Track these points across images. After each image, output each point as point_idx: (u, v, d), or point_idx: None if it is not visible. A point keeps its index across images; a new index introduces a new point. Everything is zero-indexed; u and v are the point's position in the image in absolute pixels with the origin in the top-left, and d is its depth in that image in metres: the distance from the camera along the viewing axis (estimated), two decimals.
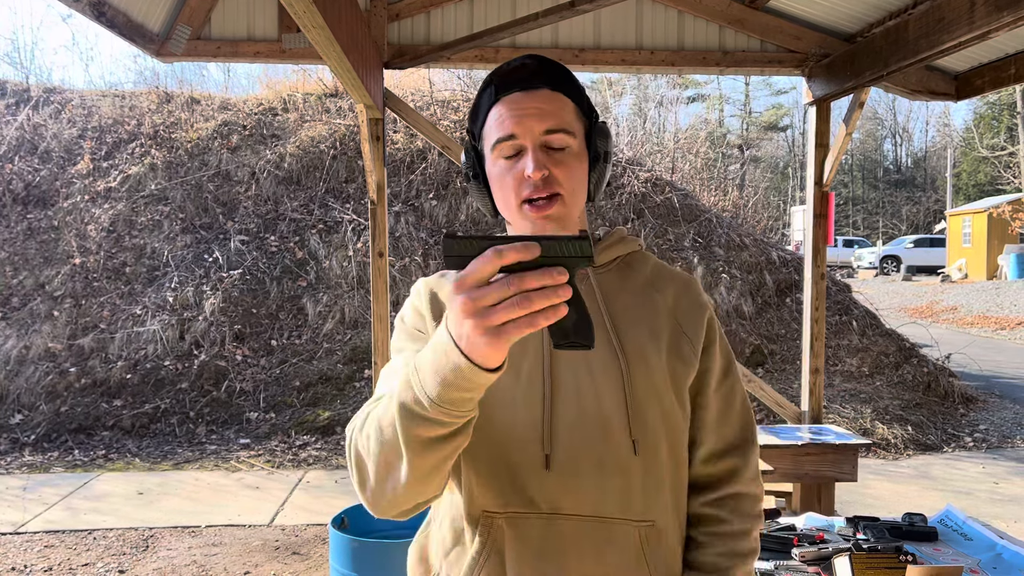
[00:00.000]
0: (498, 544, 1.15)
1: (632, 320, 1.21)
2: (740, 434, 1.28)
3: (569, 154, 1.18)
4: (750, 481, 1.27)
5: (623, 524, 1.15)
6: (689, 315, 1.25)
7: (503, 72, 1.22)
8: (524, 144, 1.16)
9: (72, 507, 5.25)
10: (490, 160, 1.22)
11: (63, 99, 10.33)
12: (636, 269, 1.29)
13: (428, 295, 1.24)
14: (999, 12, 2.96)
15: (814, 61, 4.64)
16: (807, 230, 4.82)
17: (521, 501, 1.13)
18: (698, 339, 1.24)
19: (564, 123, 1.18)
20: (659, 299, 1.25)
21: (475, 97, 1.26)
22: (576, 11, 3.89)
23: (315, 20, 2.49)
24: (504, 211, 1.23)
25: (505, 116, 1.18)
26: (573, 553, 1.13)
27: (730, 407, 1.28)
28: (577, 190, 1.20)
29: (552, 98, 1.19)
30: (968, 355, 10.63)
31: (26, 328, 7.71)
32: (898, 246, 30.58)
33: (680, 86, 28.94)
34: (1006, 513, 5.21)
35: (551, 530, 1.13)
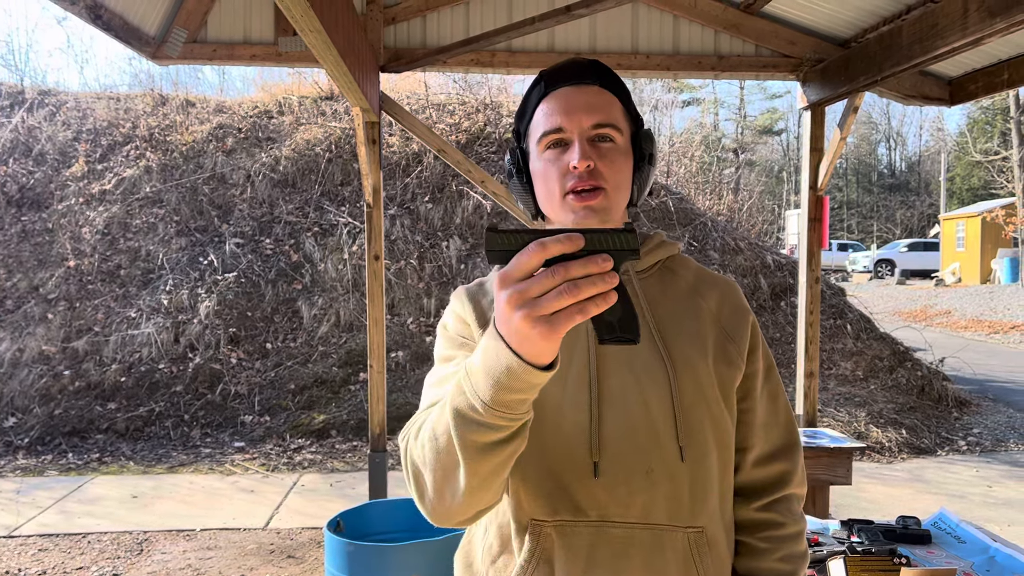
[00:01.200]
0: (547, 552, 1.14)
1: (677, 326, 1.20)
2: (787, 436, 1.29)
3: (615, 150, 1.18)
4: (800, 483, 1.28)
5: (672, 531, 1.14)
6: (733, 320, 1.25)
7: (554, 69, 1.22)
8: (571, 136, 1.17)
9: (66, 510, 5.24)
10: (535, 154, 1.22)
11: (58, 101, 10.31)
12: (678, 274, 1.28)
13: (471, 301, 1.23)
14: (992, 18, 2.97)
15: (809, 66, 4.66)
16: (802, 234, 4.83)
17: (569, 509, 1.13)
18: (743, 343, 1.24)
19: (612, 119, 1.18)
20: (703, 305, 1.24)
21: (523, 97, 1.27)
22: (572, 15, 3.90)
23: (311, 24, 2.50)
24: (546, 205, 1.22)
25: (554, 109, 1.18)
26: (623, 561, 1.12)
27: (775, 409, 1.29)
28: (621, 186, 1.19)
29: (601, 94, 1.20)
30: (962, 359, 10.66)
31: (20, 331, 7.69)
32: (892, 250, 30.68)
33: (675, 90, 29.00)
34: (999, 516, 5.22)
35: (600, 538, 1.12)
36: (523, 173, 1.24)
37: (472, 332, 1.20)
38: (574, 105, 1.17)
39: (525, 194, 1.25)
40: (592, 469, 1.12)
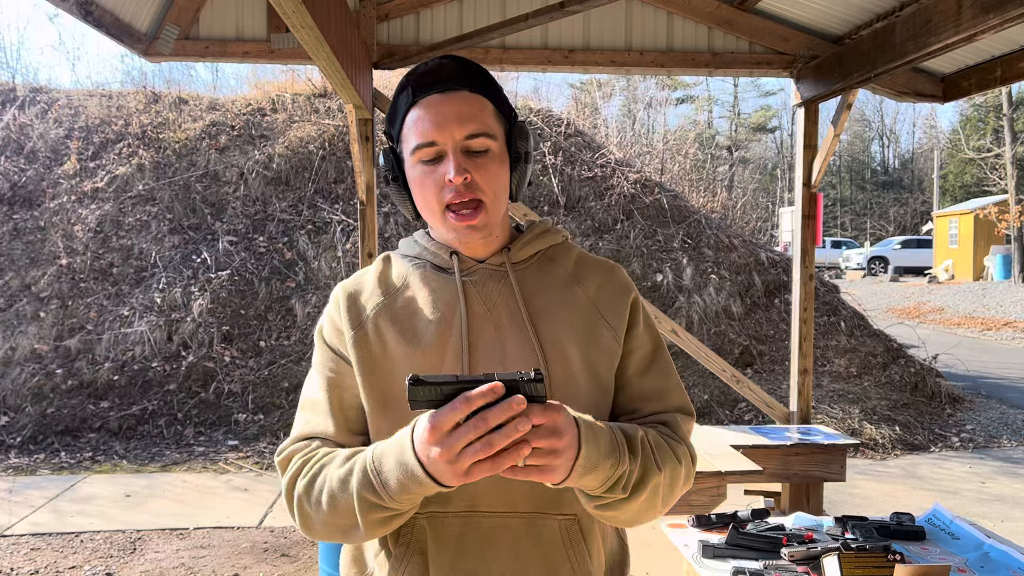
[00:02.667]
0: (420, 544, 1.17)
1: (551, 316, 1.21)
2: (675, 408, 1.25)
3: (490, 157, 1.17)
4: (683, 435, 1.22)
5: (543, 518, 1.16)
6: (611, 302, 1.25)
7: (420, 73, 1.19)
8: (444, 149, 1.15)
9: (59, 510, 5.22)
10: (409, 163, 1.20)
11: (49, 99, 10.26)
12: (558, 263, 1.28)
13: (347, 302, 1.25)
14: (985, 14, 2.98)
15: (802, 63, 4.66)
16: (795, 231, 4.83)
17: (438, 500, 1.14)
18: (620, 324, 1.23)
19: (485, 126, 1.17)
20: (579, 291, 1.25)
21: (392, 98, 1.24)
22: (566, 12, 3.89)
23: (304, 20, 2.48)
24: (426, 215, 1.22)
25: (424, 120, 1.16)
26: (491, 550, 1.15)
27: (667, 387, 1.25)
28: (499, 193, 1.19)
29: (471, 100, 1.18)
30: (955, 355, 10.69)
31: (12, 329, 7.66)
32: (885, 247, 30.78)
33: (669, 87, 29.04)
34: (992, 512, 5.24)
35: (469, 528, 1.15)
36: (400, 177, 1.24)
37: (345, 341, 1.22)
38: (445, 116, 1.15)
39: (404, 200, 1.25)
40: None
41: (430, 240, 1.28)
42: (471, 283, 1.22)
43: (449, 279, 1.23)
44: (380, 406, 1.18)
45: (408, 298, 1.24)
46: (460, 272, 1.23)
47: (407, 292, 1.24)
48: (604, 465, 1.02)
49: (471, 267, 1.24)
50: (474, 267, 1.24)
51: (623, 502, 1.08)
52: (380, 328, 1.21)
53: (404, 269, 1.28)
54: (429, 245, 1.27)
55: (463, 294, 1.21)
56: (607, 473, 1.03)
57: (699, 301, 8.68)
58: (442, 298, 1.22)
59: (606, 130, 13.42)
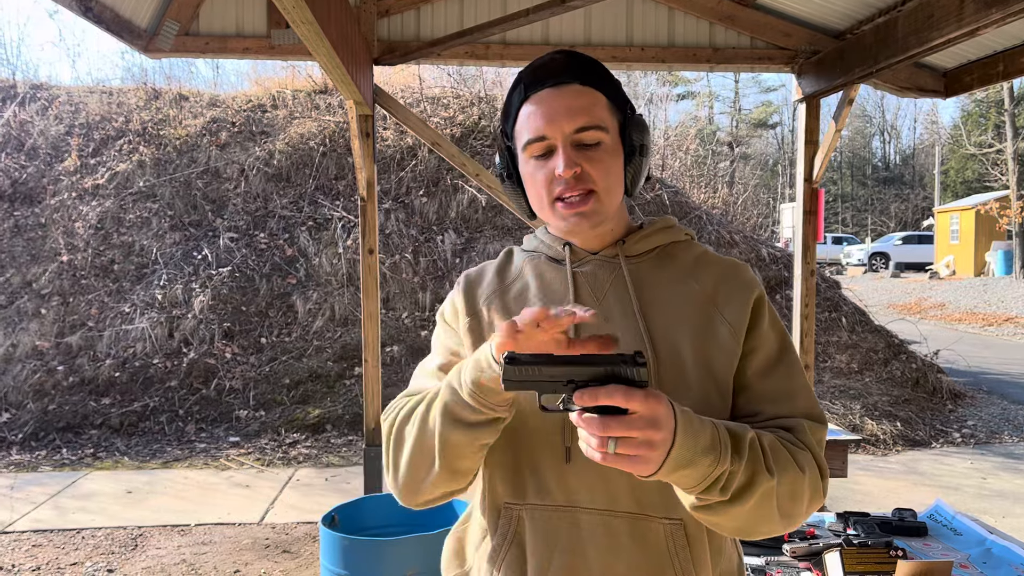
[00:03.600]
0: (519, 536, 1.16)
1: (663, 311, 1.18)
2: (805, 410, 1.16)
3: (602, 150, 1.16)
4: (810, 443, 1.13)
5: (646, 520, 1.12)
6: (730, 298, 1.19)
7: (532, 69, 1.20)
8: (555, 143, 1.15)
9: (60, 506, 5.22)
10: (522, 159, 1.20)
11: (50, 96, 10.25)
12: (677, 259, 1.25)
13: (466, 289, 1.28)
14: (988, 9, 2.96)
15: (804, 58, 4.64)
16: (797, 227, 4.82)
17: (539, 493, 1.14)
18: (741, 323, 1.17)
19: (596, 119, 1.16)
20: (696, 288, 1.21)
21: (506, 96, 1.25)
22: (567, 7, 3.87)
23: (304, 16, 2.48)
24: (538, 209, 1.22)
25: (535, 115, 1.16)
26: (591, 547, 1.12)
27: (791, 387, 1.16)
28: (612, 186, 1.18)
29: (582, 93, 1.17)
30: (956, 351, 10.69)
31: (13, 326, 7.66)
32: (887, 243, 30.74)
33: (670, 83, 29.00)
34: (994, 508, 5.24)
35: (569, 523, 1.13)
36: (514, 175, 1.24)
37: (458, 321, 1.25)
38: (555, 110, 1.15)
39: (518, 196, 1.25)
40: (565, 454, 1.12)
41: (547, 234, 1.29)
42: (582, 274, 1.22)
43: (561, 270, 1.24)
44: None
45: (521, 288, 1.25)
46: (572, 263, 1.23)
47: (520, 282, 1.26)
48: (701, 462, 0.95)
49: (583, 258, 1.24)
50: (586, 258, 1.24)
51: (725, 505, 1.00)
52: (492, 316, 1.22)
53: (521, 261, 1.29)
54: (545, 238, 1.28)
55: (572, 284, 1.20)
56: (703, 471, 0.96)
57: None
58: (553, 288, 1.22)
59: None
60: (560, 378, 0.90)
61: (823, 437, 1.15)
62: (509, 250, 1.35)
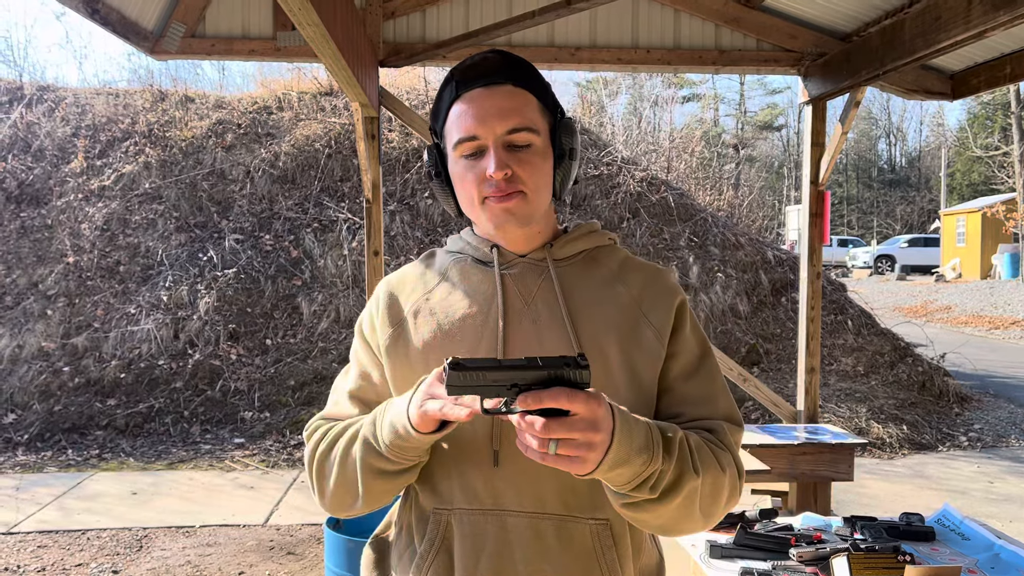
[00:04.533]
0: (447, 541, 1.16)
1: (590, 314, 1.18)
2: (725, 414, 1.20)
3: (533, 152, 1.16)
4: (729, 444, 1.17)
5: (574, 521, 1.13)
6: (655, 302, 1.21)
7: (464, 67, 1.19)
8: (486, 143, 1.14)
9: (65, 507, 5.23)
10: (452, 158, 1.20)
11: (57, 97, 10.28)
12: (602, 263, 1.26)
13: (387, 300, 1.27)
14: (995, 11, 2.95)
15: (810, 60, 4.63)
16: (803, 229, 4.81)
17: (468, 497, 1.14)
18: (665, 327, 1.20)
19: (527, 121, 1.15)
20: (622, 291, 1.22)
21: (436, 94, 1.23)
22: (572, 9, 3.88)
23: (310, 17, 2.48)
24: (467, 209, 1.22)
25: (466, 115, 1.15)
26: (519, 551, 1.12)
27: (712, 391, 1.21)
28: (541, 187, 1.17)
29: (514, 94, 1.16)
30: (962, 354, 10.65)
31: (19, 327, 7.68)
32: (892, 245, 30.66)
33: (675, 85, 28.97)
34: (1001, 512, 5.21)
35: (497, 527, 1.13)
36: (442, 173, 1.24)
37: (376, 336, 1.25)
38: (487, 111, 1.14)
39: (447, 196, 1.25)
40: (493, 458, 1.13)
41: (473, 235, 1.28)
42: (510, 276, 1.21)
43: (488, 272, 1.23)
44: None
45: (446, 291, 1.24)
46: (500, 265, 1.22)
47: (446, 286, 1.25)
48: (635, 461, 0.98)
49: (511, 260, 1.23)
50: (514, 260, 1.23)
51: (653, 503, 1.04)
52: (418, 323, 1.21)
53: (445, 263, 1.28)
54: (472, 239, 1.27)
55: (501, 287, 1.19)
56: (636, 470, 0.99)
57: (705, 299, 8.66)
58: (480, 291, 1.21)
59: (612, 128, 13.41)
60: (504, 382, 0.91)
61: (740, 439, 1.20)
62: (432, 251, 1.34)
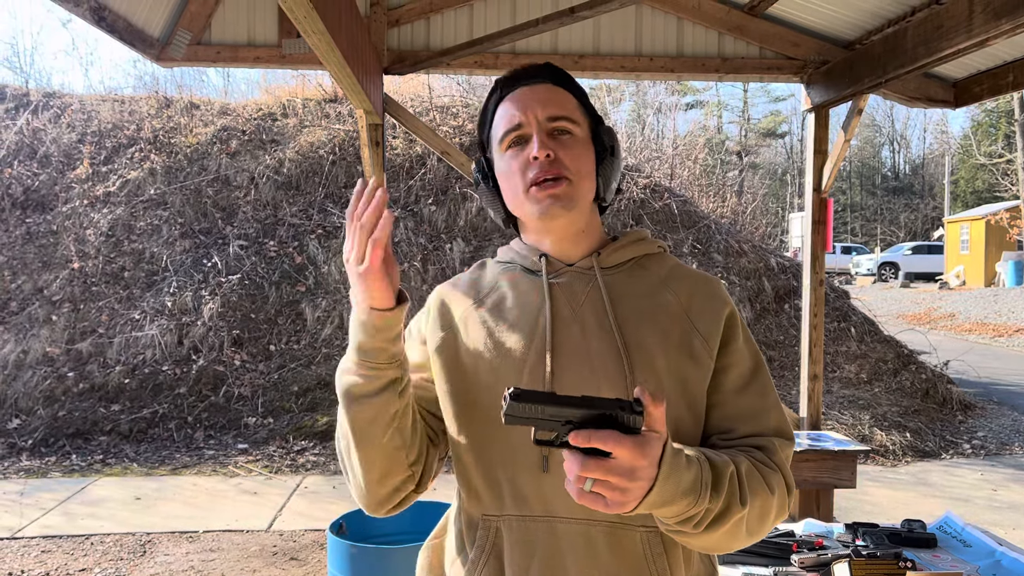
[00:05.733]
0: (497, 547, 1.15)
1: (639, 320, 1.18)
2: (776, 428, 1.18)
3: (574, 140, 1.19)
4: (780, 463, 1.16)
5: (624, 529, 1.12)
6: (704, 313, 1.20)
7: (507, 75, 1.25)
8: (529, 131, 1.18)
9: (69, 512, 5.24)
10: (498, 157, 1.23)
11: (62, 104, 10.33)
12: (650, 270, 1.26)
13: (438, 304, 1.28)
14: (997, 20, 2.96)
15: (813, 68, 4.65)
16: (806, 236, 4.82)
17: (517, 503, 1.14)
18: (713, 337, 1.18)
19: (567, 111, 1.20)
20: (671, 299, 1.21)
21: (482, 107, 1.28)
22: (576, 17, 3.89)
23: (315, 25, 2.50)
24: (513, 204, 1.22)
25: (510, 109, 1.20)
26: (570, 557, 1.12)
27: (764, 405, 1.19)
28: (584, 174, 1.19)
29: (555, 91, 1.22)
30: (966, 362, 10.63)
31: (24, 332, 7.70)
32: (896, 253, 30.62)
33: (678, 93, 28.98)
34: (1004, 520, 5.20)
35: (547, 533, 1.13)
36: (489, 179, 1.26)
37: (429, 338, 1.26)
38: (529, 100, 1.19)
39: (494, 200, 1.26)
40: (542, 463, 1.13)
41: (522, 244, 1.29)
42: (558, 285, 1.22)
43: (537, 281, 1.24)
44: (462, 407, 1.18)
45: (496, 300, 1.24)
46: (548, 274, 1.23)
47: (496, 295, 1.25)
48: (680, 503, 0.97)
49: (559, 269, 1.24)
50: (562, 269, 1.24)
51: (697, 533, 1.04)
52: (469, 329, 1.22)
53: (495, 273, 1.30)
54: (521, 249, 1.29)
55: (548, 295, 1.20)
56: (681, 509, 0.98)
57: None
58: (529, 300, 1.22)
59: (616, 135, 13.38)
60: (560, 418, 0.91)
61: (791, 453, 1.19)
62: (483, 262, 1.35)
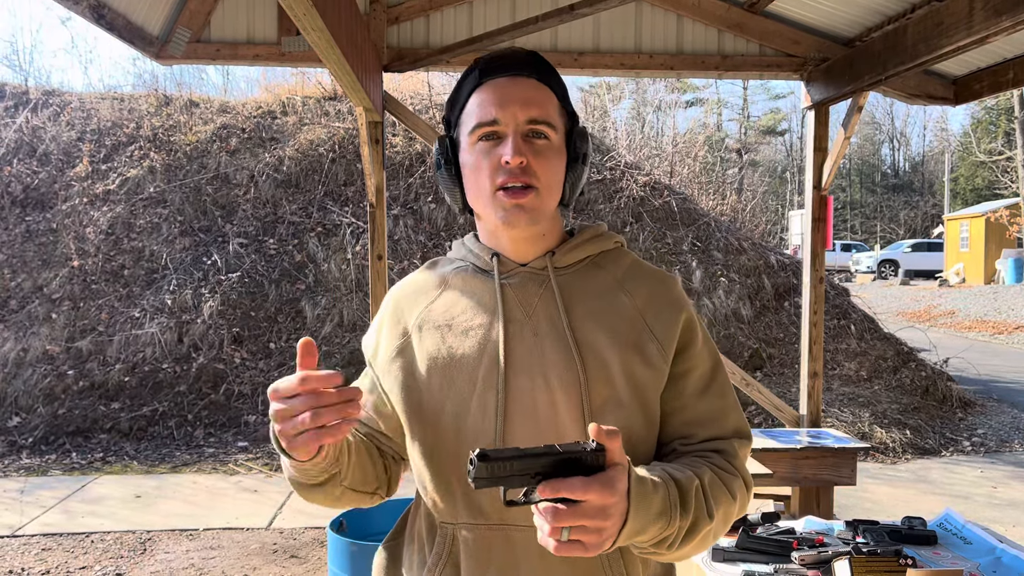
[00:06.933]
0: (454, 555, 1.15)
1: (593, 324, 1.15)
2: (732, 432, 1.18)
3: (549, 148, 1.14)
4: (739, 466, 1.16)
5: None
6: (660, 315, 1.17)
7: (489, 57, 1.18)
8: (506, 130, 1.12)
9: (69, 510, 5.24)
10: (466, 146, 1.17)
11: (62, 102, 10.32)
12: (606, 269, 1.22)
13: (391, 309, 1.26)
14: (997, 17, 2.96)
15: (813, 65, 4.65)
16: (805, 234, 4.82)
17: (472, 512, 1.13)
18: (670, 342, 1.16)
19: (548, 115, 1.15)
20: (626, 300, 1.18)
21: (456, 84, 1.22)
22: (575, 15, 3.89)
23: (315, 23, 2.49)
24: (475, 200, 1.18)
25: (489, 100, 1.14)
26: (525, 565, 1.12)
27: (723, 407, 1.18)
28: (553, 185, 1.16)
29: (538, 88, 1.16)
30: (966, 359, 10.63)
31: (24, 330, 7.70)
32: (896, 250, 30.62)
33: (678, 90, 28.97)
34: (1004, 517, 5.21)
35: (502, 541, 1.12)
36: (452, 164, 1.20)
37: (378, 352, 1.24)
38: (510, 97, 1.13)
39: (453, 187, 1.21)
40: None
41: (476, 242, 1.26)
42: (510, 287, 1.19)
43: (489, 282, 1.20)
44: (416, 415, 1.17)
45: (449, 302, 1.21)
46: (500, 275, 1.20)
47: (448, 296, 1.22)
48: (651, 529, 0.97)
49: (512, 270, 1.20)
50: (515, 270, 1.20)
51: (669, 553, 1.04)
52: (423, 336, 1.19)
53: (447, 272, 1.26)
54: (474, 247, 1.25)
55: (501, 298, 1.17)
56: (653, 534, 0.98)
57: (708, 304, 8.66)
58: (481, 302, 1.19)
59: (615, 133, 13.42)
60: (528, 471, 0.90)
61: (748, 452, 1.20)
62: (434, 260, 1.32)
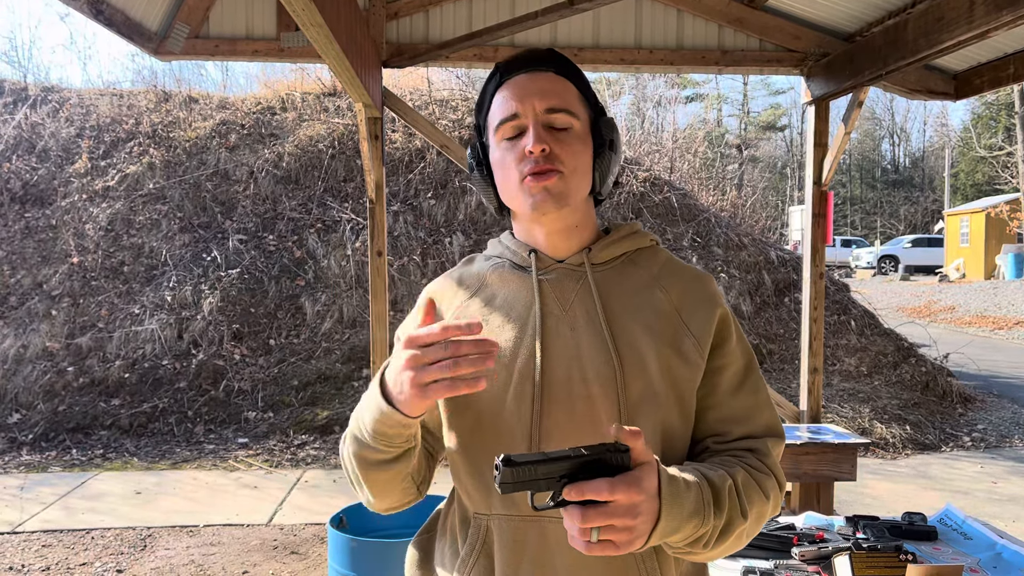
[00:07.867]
0: (488, 546, 1.16)
1: (630, 319, 1.16)
2: (767, 429, 1.19)
3: (571, 135, 1.16)
4: (772, 465, 1.17)
5: None
6: (695, 311, 1.19)
7: (508, 59, 1.21)
8: (526, 122, 1.15)
9: (69, 507, 5.24)
10: (494, 145, 1.20)
11: (61, 98, 10.31)
12: (641, 266, 1.23)
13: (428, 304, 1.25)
14: (998, 11, 2.95)
15: (813, 60, 4.64)
16: (806, 230, 4.81)
17: (506, 504, 1.13)
18: (705, 339, 1.17)
19: (566, 103, 1.16)
20: (662, 296, 1.19)
21: (480, 90, 1.24)
22: (575, 10, 3.88)
23: (314, 18, 2.49)
24: (506, 194, 1.20)
25: (509, 96, 1.17)
26: (559, 557, 1.12)
27: (756, 404, 1.19)
28: (579, 169, 1.16)
29: (556, 80, 1.18)
30: (966, 355, 10.63)
31: (24, 327, 7.70)
32: (896, 246, 30.62)
33: (678, 86, 28.96)
34: (1005, 512, 5.21)
35: (536, 533, 1.13)
36: (483, 166, 1.23)
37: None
38: (528, 91, 1.16)
39: (487, 188, 1.24)
40: None
41: (512, 239, 1.27)
42: (547, 282, 1.20)
43: (526, 278, 1.21)
44: (452, 408, 1.18)
45: (485, 299, 1.23)
46: (537, 271, 1.21)
47: (485, 292, 1.24)
48: (686, 527, 0.98)
49: (549, 266, 1.21)
50: (552, 266, 1.21)
51: (704, 552, 1.05)
52: None
53: (484, 269, 1.27)
54: (511, 244, 1.26)
55: (538, 293, 1.18)
56: (688, 533, 0.99)
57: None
58: (518, 297, 1.20)
59: None
60: (553, 474, 0.90)
61: (781, 450, 1.21)
62: (471, 256, 1.33)
